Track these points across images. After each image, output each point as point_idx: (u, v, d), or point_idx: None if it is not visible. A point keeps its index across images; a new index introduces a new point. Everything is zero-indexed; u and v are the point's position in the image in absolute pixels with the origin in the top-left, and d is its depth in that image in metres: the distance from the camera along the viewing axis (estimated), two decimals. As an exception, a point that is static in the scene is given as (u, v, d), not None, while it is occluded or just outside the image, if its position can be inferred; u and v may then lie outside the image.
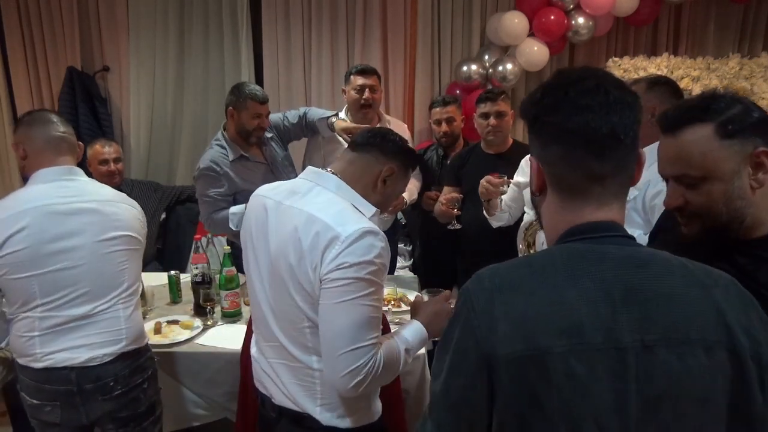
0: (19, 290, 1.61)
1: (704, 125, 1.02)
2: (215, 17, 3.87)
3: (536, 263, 0.81)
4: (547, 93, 0.84)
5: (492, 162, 2.67)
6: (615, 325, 0.75)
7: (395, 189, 1.42)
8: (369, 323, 1.24)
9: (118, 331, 1.70)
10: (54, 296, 1.62)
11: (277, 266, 1.30)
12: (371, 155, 1.37)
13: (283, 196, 1.36)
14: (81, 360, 1.64)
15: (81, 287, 1.64)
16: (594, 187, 0.81)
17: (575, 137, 0.80)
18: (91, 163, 2.94)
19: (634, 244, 0.81)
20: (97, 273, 1.67)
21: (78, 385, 1.65)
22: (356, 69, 2.78)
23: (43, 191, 1.65)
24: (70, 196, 1.66)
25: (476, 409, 0.79)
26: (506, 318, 0.76)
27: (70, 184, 1.69)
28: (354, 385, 1.22)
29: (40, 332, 1.63)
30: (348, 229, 1.21)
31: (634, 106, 0.81)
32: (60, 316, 1.63)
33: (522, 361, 0.75)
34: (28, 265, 1.59)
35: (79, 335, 1.65)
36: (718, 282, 0.79)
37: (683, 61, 3.64)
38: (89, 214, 1.67)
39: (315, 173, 1.38)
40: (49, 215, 1.61)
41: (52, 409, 1.67)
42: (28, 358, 1.65)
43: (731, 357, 0.75)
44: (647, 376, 0.74)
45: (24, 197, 1.64)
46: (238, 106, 2.54)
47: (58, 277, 1.62)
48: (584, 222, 0.82)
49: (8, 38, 3.72)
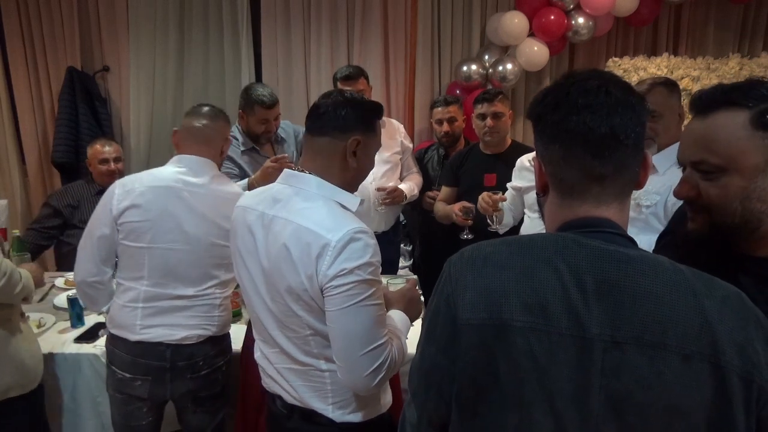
0: (131, 258, 1.73)
1: (740, 110, 0.91)
2: (215, 17, 3.87)
3: (516, 242, 0.83)
4: (551, 92, 0.84)
5: (490, 162, 2.68)
6: (584, 314, 0.74)
7: (369, 154, 1.36)
8: (379, 321, 1.25)
9: (211, 317, 1.81)
10: (161, 274, 1.73)
11: (272, 281, 1.29)
12: (329, 136, 1.30)
13: (266, 205, 1.33)
14: (177, 338, 1.75)
15: (187, 271, 1.75)
16: (592, 186, 0.81)
17: (574, 136, 0.80)
18: (91, 163, 2.94)
19: (625, 243, 0.79)
20: (203, 261, 1.76)
21: (171, 361, 1.75)
22: (341, 75, 2.76)
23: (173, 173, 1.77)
24: (198, 185, 1.77)
25: (443, 374, 0.81)
26: (474, 286, 0.79)
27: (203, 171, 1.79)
28: (377, 383, 1.24)
29: (144, 304, 1.73)
30: (337, 234, 1.20)
31: (638, 109, 0.80)
32: (164, 294, 1.74)
33: (483, 329, 0.77)
34: (143, 236, 1.70)
35: (178, 315, 1.75)
36: (713, 292, 0.75)
37: (683, 61, 3.64)
38: (205, 202, 1.76)
39: (293, 177, 1.34)
40: (176, 199, 1.72)
41: (142, 383, 1.76)
42: (124, 330, 1.74)
43: (713, 371, 0.71)
44: (613, 374, 0.73)
45: (158, 175, 1.77)
46: (246, 109, 2.63)
47: (168, 256, 1.72)
48: (577, 218, 0.82)
49: (8, 38, 3.72)
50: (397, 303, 1.47)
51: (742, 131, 0.91)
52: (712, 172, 0.93)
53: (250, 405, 1.88)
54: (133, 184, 1.74)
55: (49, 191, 3.77)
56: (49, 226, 2.87)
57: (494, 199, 2.33)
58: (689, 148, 0.97)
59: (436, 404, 0.84)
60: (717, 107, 0.94)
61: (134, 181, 1.76)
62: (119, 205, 1.71)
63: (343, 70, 2.79)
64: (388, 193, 2.74)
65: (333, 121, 1.30)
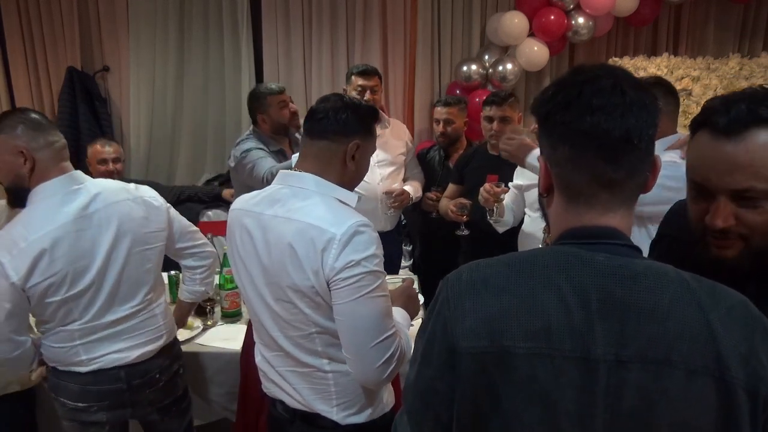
0: (54, 311, 1.55)
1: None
2: (215, 17, 3.87)
3: (516, 262, 0.78)
4: (560, 90, 0.78)
5: (495, 163, 2.67)
6: (587, 334, 0.71)
7: (366, 156, 1.38)
8: (386, 312, 1.26)
9: (157, 327, 1.72)
10: (91, 309, 1.58)
11: (276, 280, 1.28)
12: (329, 139, 1.30)
13: (263, 206, 1.32)
14: (132, 358, 1.65)
15: (114, 293, 1.60)
16: (602, 192, 0.77)
17: (586, 139, 0.75)
18: (91, 163, 2.94)
19: (630, 254, 0.76)
20: (123, 277, 1.62)
21: (127, 382, 1.66)
22: (357, 69, 2.78)
23: (56, 205, 1.53)
24: (84, 207, 1.55)
25: (442, 399, 0.79)
26: (474, 313, 0.76)
27: (80, 192, 1.57)
28: (388, 374, 1.25)
29: (82, 341, 1.59)
30: (341, 227, 1.20)
31: (651, 109, 0.76)
32: (99, 324, 1.60)
33: (484, 357, 0.74)
34: (63, 287, 1.52)
35: (123, 337, 1.64)
36: (719, 304, 0.72)
37: (683, 61, 3.64)
38: (106, 222, 1.58)
39: (290, 177, 1.33)
40: (75, 232, 1.52)
41: (98, 409, 1.65)
42: (71, 365, 1.61)
43: (718, 386, 0.69)
44: (618, 393, 0.70)
45: (45, 216, 1.51)
46: (261, 108, 2.59)
47: (92, 290, 1.57)
48: (582, 225, 0.78)
49: (8, 38, 3.72)
50: (398, 300, 1.47)
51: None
52: (758, 198, 0.86)
53: (250, 405, 1.88)
54: (25, 240, 1.47)
55: (49, 191, 3.77)
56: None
57: (496, 191, 2.33)
58: (728, 175, 0.86)
59: (433, 427, 0.81)
60: (747, 126, 0.85)
61: (21, 237, 1.47)
62: (20, 272, 1.46)
63: (360, 66, 2.84)
64: (396, 197, 2.75)
65: (333, 125, 1.30)
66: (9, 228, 1.51)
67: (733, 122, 0.86)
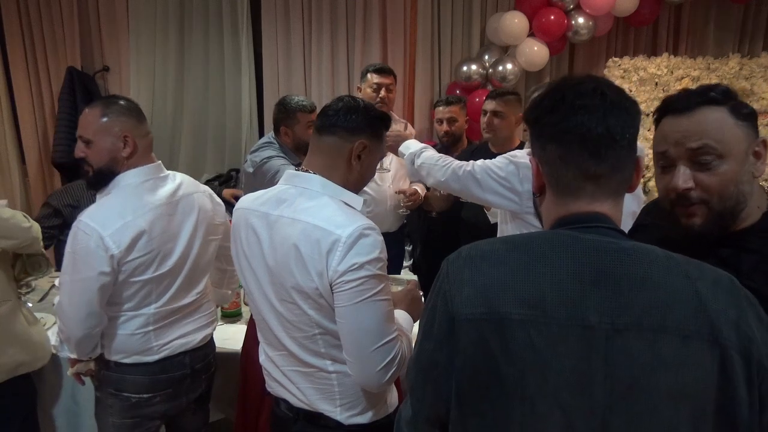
0: (136, 292, 1.60)
1: (718, 107, 1.02)
2: (215, 17, 3.87)
3: (514, 241, 0.85)
4: (546, 96, 0.87)
5: None
6: (582, 303, 0.75)
7: (373, 161, 1.38)
8: (389, 316, 1.26)
9: (212, 312, 1.82)
10: (168, 293, 1.65)
11: (280, 280, 1.28)
12: (337, 136, 1.32)
13: (269, 206, 1.32)
14: (196, 342, 1.73)
15: (189, 277, 1.69)
16: (588, 185, 0.83)
17: (571, 136, 0.82)
18: (92, 163, 2.95)
19: (618, 236, 0.82)
20: (197, 263, 1.71)
21: (191, 367, 1.73)
22: (374, 67, 2.79)
23: (150, 189, 1.63)
24: (172, 194, 1.67)
25: (441, 372, 0.82)
26: (472, 282, 0.81)
27: (168, 179, 1.70)
28: (389, 378, 1.25)
29: (156, 326, 1.64)
30: (347, 230, 1.20)
31: (632, 111, 0.84)
32: (171, 308, 1.67)
33: (482, 324, 0.78)
34: (151, 267, 1.59)
35: (188, 320, 1.72)
36: (705, 275, 0.78)
37: (683, 61, 3.65)
38: (189, 209, 1.70)
39: (296, 177, 1.34)
40: (167, 216, 1.62)
41: (161, 399, 1.68)
42: (139, 355, 1.65)
43: (713, 349, 0.73)
44: (617, 362, 0.74)
45: (142, 198, 1.60)
46: (288, 122, 2.51)
47: (173, 274, 1.65)
48: (570, 213, 0.84)
49: (8, 38, 3.72)
50: (401, 303, 1.47)
51: (730, 120, 1.01)
52: (710, 161, 1.00)
53: (250, 406, 1.88)
54: (123, 218, 1.55)
55: (49, 191, 3.77)
56: (49, 225, 2.86)
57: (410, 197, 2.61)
58: (684, 141, 1.02)
59: (433, 401, 0.85)
60: (698, 105, 1.02)
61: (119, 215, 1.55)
62: (121, 245, 1.52)
63: (376, 64, 2.86)
64: (409, 197, 2.77)
65: (342, 122, 1.31)
66: (103, 206, 1.57)
67: (684, 103, 1.04)
